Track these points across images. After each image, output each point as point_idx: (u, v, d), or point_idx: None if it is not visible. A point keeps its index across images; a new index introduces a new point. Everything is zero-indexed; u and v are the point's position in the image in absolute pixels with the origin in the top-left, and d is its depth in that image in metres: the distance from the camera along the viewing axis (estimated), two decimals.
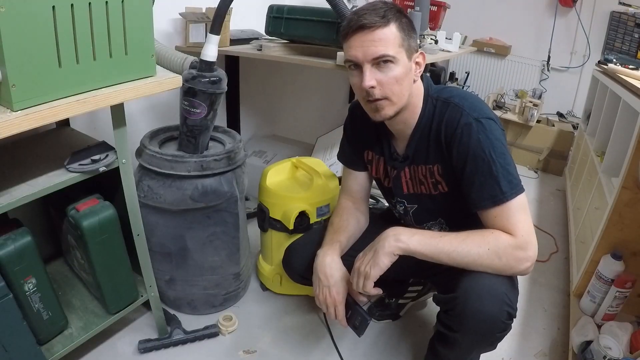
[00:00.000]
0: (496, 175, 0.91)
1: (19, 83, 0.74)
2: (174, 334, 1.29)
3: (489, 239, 0.91)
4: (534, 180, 2.82)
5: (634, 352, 1.15)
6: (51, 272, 1.26)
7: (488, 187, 0.92)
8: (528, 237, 0.90)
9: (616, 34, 3.18)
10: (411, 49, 0.94)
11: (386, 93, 0.93)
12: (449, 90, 1.01)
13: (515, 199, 0.92)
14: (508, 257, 0.89)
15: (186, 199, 1.21)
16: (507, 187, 0.91)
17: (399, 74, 0.92)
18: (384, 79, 0.92)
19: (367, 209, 1.24)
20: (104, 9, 0.84)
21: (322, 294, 1.06)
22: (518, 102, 3.06)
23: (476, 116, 0.94)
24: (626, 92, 1.55)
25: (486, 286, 0.89)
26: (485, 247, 0.90)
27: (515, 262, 0.89)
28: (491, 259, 0.89)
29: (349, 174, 1.23)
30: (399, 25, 0.91)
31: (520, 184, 0.93)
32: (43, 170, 0.96)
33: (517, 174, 0.94)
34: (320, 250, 1.10)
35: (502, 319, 0.89)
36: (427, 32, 2.05)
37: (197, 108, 1.17)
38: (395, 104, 0.96)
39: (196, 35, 1.68)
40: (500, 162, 0.91)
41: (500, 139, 0.94)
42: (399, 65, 0.92)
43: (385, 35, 0.89)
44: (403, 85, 0.94)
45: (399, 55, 0.91)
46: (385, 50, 0.90)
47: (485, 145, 0.92)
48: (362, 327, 1.03)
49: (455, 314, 0.93)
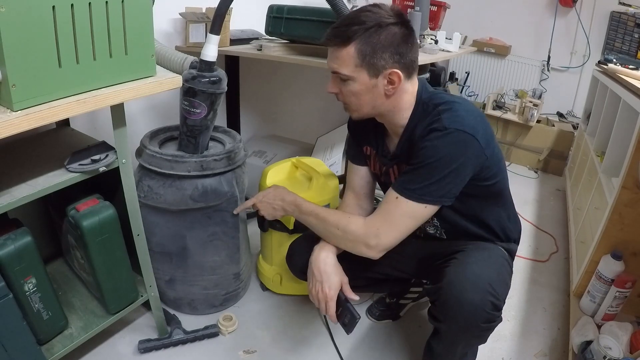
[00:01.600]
0: (421, 176, 0.94)
1: (19, 83, 0.74)
2: (174, 334, 1.29)
3: (343, 223, 1.05)
4: (534, 180, 2.81)
5: (634, 352, 1.15)
6: (51, 272, 1.26)
7: (409, 178, 0.97)
8: (379, 233, 0.99)
9: (616, 34, 3.18)
10: (377, 68, 0.94)
11: (345, 102, 1.02)
12: (440, 96, 1.01)
13: (415, 204, 0.96)
14: (354, 243, 1.03)
15: (186, 199, 1.21)
16: (419, 190, 0.95)
17: (355, 90, 0.97)
18: (343, 90, 0.99)
19: (370, 205, 1.25)
20: (104, 9, 0.83)
21: (314, 288, 1.08)
22: (518, 102, 3.06)
23: (448, 125, 0.92)
24: (626, 92, 1.55)
25: (471, 276, 0.93)
26: (336, 230, 1.05)
27: (359, 248, 1.03)
28: (339, 239, 1.06)
29: (353, 169, 1.24)
30: (362, 46, 0.92)
31: (434, 201, 0.96)
32: (43, 170, 0.96)
33: (447, 190, 0.95)
34: (317, 245, 1.12)
35: (486, 308, 0.90)
36: (427, 32, 2.05)
37: (197, 108, 1.17)
38: (355, 112, 1.03)
39: (196, 35, 1.68)
40: (437, 172, 0.93)
41: (457, 155, 0.92)
42: (357, 82, 0.96)
43: (342, 55, 0.94)
44: (361, 99, 0.99)
45: (356, 74, 0.95)
46: (339, 69, 0.96)
47: (435, 152, 0.92)
48: (350, 324, 1.03)
49: (439, 303, 0.95)
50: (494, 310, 0.92)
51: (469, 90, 3.83)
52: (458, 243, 1.09)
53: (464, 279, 0.93)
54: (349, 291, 1.07)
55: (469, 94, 3.82)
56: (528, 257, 1.94)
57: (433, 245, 1.17)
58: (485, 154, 0.95)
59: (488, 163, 0.97)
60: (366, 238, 1.01)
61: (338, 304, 1.06)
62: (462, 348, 1.06)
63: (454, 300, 0.92)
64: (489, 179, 1.00)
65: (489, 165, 0.98)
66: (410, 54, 0.96)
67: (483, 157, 0.95)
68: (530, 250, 1.99)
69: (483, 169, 0.97)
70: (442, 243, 1.15)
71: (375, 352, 1.35)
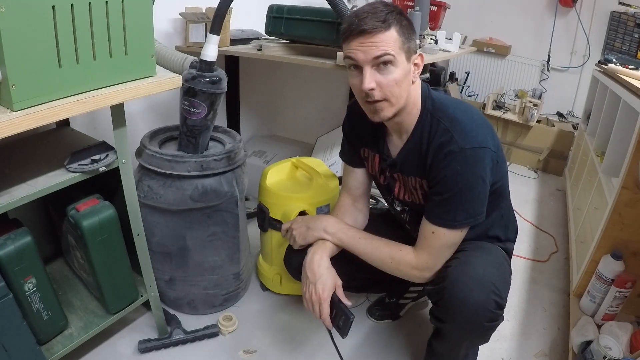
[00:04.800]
0: (457, 204, 0.96)
1: (19, 83, 0.74)
2: (174, 334, 1.29)
3: (396, 255, 1.05)
4: (534, 180, 2.81)
5: (634, 352, 1.15)
6: (51, 272, 1.26)
7: (441, 209, 0.98)
8: (430, 266, 1.02)
9: (616, 34, 3.18)
10: (410, 51, 0.95)
11: (385, 95, 0.94)
12: (444, 106, 1.00)
13: (453, 232, 0.99)
14: (404, 273, 1.05)
15: (186, 199, 1.21)
16: (456, 218, 0.97)
17: (398, 76, 0.93)
18: (384, 81, 0.93)
19: (366, 207, 1.25)
20: (104, 9, 0.83)
21: (308, 291, 1.07)
22: (518, 102, 3.06)
23: (462, 145, 0.93)
24: (626, 92, 1.55)
25: (474, 276, 0.93)
26: (389, 260, 1.06)
27: (409, 277, 1.06)
28: (391, 269, 1.06)
29: (349, 171, 1.24)
30: (399, 28, 0.91)
31: (475, 217, 0.98)
32: (43, 170, 0.96)
33: (479, 206, 0.98)
34: (311, 248, 1.11)
35: (490, 307, 0.91)
36: (427, 32, 2.05)
37: (197, 108, 1.17)
38: (394, 106, 0.97)
39: (196, 35, 1.68)
40: (466, 195, 0.95)
41: (479, 172, 0.94)
42: (399, 68, 0.93)
43: (387, 38, 0.90)
44: (402, 87, 0.95)
45: (399, 57, 0.92)
46: (386, 51, 0.90)
47: (460, 178, 0.94)
48: (345, 327, 1.02)
49: (443, 304, 0.95)
50: (497, 309, 0.92)
51: (469, 90, 3.83)
52: None
53: (467, 279, 0.93)
54: (343, 295, 1.06)
55: (468, 94, 3.82)
56: (528, 257, 1.93)
57: None
58: (498, 159, 0.98)
59: (498, 166, 0.99)
60: (419, 272, 1.04)
61: (332, 307, 1.05)
62: (465, 348, 1.06)
63: (457, 301, 0.92)
64: (495, 182, 1.01)
65: (498, 168, 1.00)
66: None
67: (496, 162, 0.97)
68: (530, 250, 1.99)
69: (493, 172, 0.98)
70: None
71: (376, 352, 1.35)
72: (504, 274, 1.01)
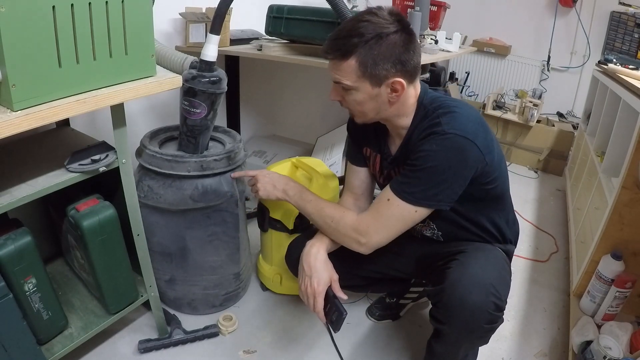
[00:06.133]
0: (421, 181, 0.95)
1: (19, 83, 0.74)
2: (174, 334, 1.29)
3: (337, 215, 1.07)
4: (534, 180, 2.81)
5: (634, 352, 1.15)
6: (51, 272, 1.27)
7: (406, 180, 0.97)
8: (370, 232, 1.01)
9: (616, 34, 3.18)
10: (379, 78, 0.93)
11: (349, 109, 1.02)
12: (442, 100, 1.00)
13: (407, 206, 0.97)
14: (342, 234, 1.05)
15: (186, 199, 1.21)
16: (416, 194, 0.95)
17: (358, 99, 0.97)
18: (346, 98, 0.99)
19: (367, 206, 1.24)
20: (104, 9, 0.83)
21: (303, 283, 1.08)
22: (518, 102, 3.06)
23: (447, 129, 0.92)
24: (626, 92, 1.55)
25: (473, 277, 0.93)
26: (330, 220, 1.07)
27: (346, 241, 1.05)
28: (331, 231, 1.07)
29: (352, 170, 1.24)
30: (362, 57, 0.90)
31: (430, 205, 0.96)
32: (43, 170, 0.96)
33: (443, 195, 0.95)
34: (309, 242, 1.12)
35: (489, 309, 0.90)
36: (427, 32, 2.05)
37: (197, 108, 1.17)
38: (360, 118, 1.03)
39: (196, 35, 1.68)
40: (433, 177, 0.93)
41: (455, 160, 0.92)
42: (360, 92, 0.96)
43: (344, 68, 0.93)
44: (365, 107, 0.99)
45: (358, 84, 0.94)
46: (340, 80, 0.95)
47: (432, 157, 0.92)
48: (337, 322, 1.02)
49: (442, 305, 0.95)
50: (496, 311, 0.92)
51: (469, 90, 3.83)
52: (457, 244, 1.09)
53: (466, 281, 0.92)
54: (338, 289, 1.06)
55: (469, 94, 3.82)
56: (528, 257, 1.94)
57: (431, 245, 1.16)
58: (485, 160, 0.94)
59: (488, 169, 0.97)
60: (357, 234, 1.02)
61: (326, 301, 1.06)
62: (464, 349, 1.06)
63: (457, 302, 0.91)
64: (488, 183, 1.00)
65: (489, 170, 0.97)
66: (412, 60, 0.94)
67: (482, 163, 0.94)
68: (530, 250, 1.99)
69: (483, 174, 0.97)
70: (441, 244, 1.15)
71: (376, 352, 1.35)
72: (504, 276, 1.00)
